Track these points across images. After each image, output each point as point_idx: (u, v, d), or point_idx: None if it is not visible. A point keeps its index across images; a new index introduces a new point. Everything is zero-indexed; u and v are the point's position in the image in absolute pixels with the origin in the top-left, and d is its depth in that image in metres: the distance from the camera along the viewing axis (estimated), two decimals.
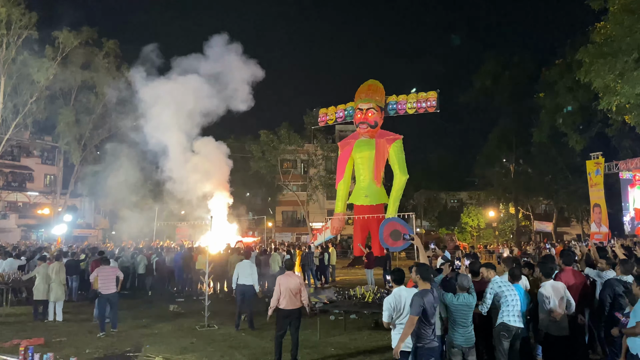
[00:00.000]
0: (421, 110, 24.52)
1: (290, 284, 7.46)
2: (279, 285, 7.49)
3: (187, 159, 21.46)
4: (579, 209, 37.41)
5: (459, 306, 5.74)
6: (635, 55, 16.51)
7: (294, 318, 7.58)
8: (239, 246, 16.92)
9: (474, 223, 43.73)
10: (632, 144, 28.52)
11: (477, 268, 7.03)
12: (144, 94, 18.38)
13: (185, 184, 22.22)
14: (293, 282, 7.50)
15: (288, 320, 7.54)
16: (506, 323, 6.07)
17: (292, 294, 7.44)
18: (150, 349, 8.92)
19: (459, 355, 5.76)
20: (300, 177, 49.34)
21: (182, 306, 13.64)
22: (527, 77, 35.81)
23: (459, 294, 5.79)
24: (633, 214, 25.94)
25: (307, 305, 7.78)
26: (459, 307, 5.74)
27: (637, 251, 10.73)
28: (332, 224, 25.37)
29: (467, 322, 5.78)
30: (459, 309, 5.74)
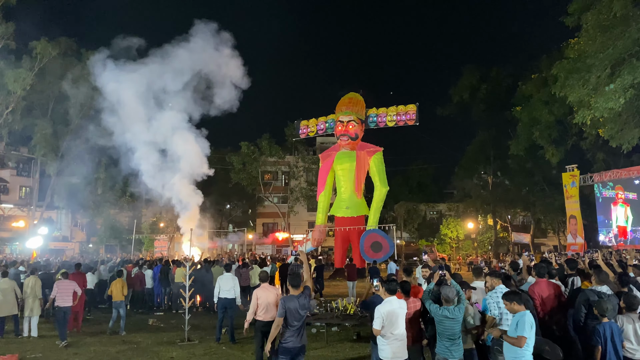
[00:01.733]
0: (401, 123, 24.78)
1: (269, 297, 7.47)
2: (256, 298, 7.49)
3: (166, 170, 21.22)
4: (555, 220, 38.03)
5: (443, 318, 5.68)
6: (608, 70, 16.96)
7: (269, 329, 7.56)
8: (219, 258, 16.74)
9: (453, 234, 44.11)
10: (606, 156, 29.19)
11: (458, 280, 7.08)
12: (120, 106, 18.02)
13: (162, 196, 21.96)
14: (271, 295, 7.53)
15: (265, 330, 7.44)
16: None
17: (271, 306, 7.45)
18: None
19: None
20: (281, 188, 49.26)
21: (162, 320, 13.44)
22: (504, 91, 36.54)
23: (444, 306, 5.74)
24: (616, 231, 26.40)
25: None
26: (442, 319, 5.68)
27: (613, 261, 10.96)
28: (313, 236, 25.35)
29: (455, 335, 5.68)
30: (444, 321, 5.68)
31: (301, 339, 5.99)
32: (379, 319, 5.62)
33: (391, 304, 5.71)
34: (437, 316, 5.72)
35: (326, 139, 44.63)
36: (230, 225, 45.32)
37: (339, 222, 24.49)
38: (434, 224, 48.22)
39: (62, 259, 23.73)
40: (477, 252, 42.09)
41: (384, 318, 5.62)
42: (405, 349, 5.81)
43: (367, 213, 24.34)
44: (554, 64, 21.83)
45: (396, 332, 5.66)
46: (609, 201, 27.10)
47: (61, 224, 42.77)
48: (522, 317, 5.16)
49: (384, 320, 5.62)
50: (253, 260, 20.83)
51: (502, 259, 30.40)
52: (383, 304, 5.74)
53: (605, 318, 5.35)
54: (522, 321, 5.11)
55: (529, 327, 5.06)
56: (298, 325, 5.94)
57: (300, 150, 43.61)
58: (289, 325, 5.90)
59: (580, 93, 18.04)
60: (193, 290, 11.29)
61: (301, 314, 5.96)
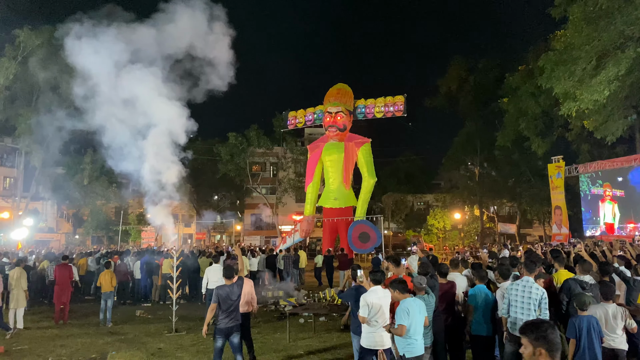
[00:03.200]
0: (389, 114, 24.80)
1: (245, 288, 7.61)
2: None
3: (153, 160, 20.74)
4: (541, 211, 38.44)
5: None
6: (594, 62, 17.13)
7: (245, 322, 7.78)
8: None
9: (440, 225, 44.44)
10: (591, 147, 29.52)
11: (445, 270, 7.19)
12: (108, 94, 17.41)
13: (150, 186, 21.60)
14: (247, 287, 7.73)
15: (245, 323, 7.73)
16: None
17: (245, 299, 7.66)
18: (116, 355, 8.77)
19: None
20: (269, 179, 49.21)
21: (149, 311, 13.43)
22: (491, 82, 36.65)
23: (417, 295, 5.91)
24: (604, 228, 26.76)
25: (255, 309, 8.11)
26: None
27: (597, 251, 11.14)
28: (301, 227, 25.38)
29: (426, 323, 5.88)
30: None
31: (233, 321, 6.85)
32: (365, 307, 5.75)
33: (376, 293, 5.85)
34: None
35: (314, 130, 44.57)
36: (218, 216, 45.19)
37: (327, 213, 24.53)
38: (421, 214, 48.52)
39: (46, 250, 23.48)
40: (464, 242, 42.46)
41: (370, 307, 5.75)
42: (389, 337, 5.91)
43: (355, 204, 24.42)
44: (541, 55, 21.98)
45: (380, 320, 5.80)
46: (597, 198, 27.43)
47: (47, 215, 42.35)
48: (400, 305, 5.26)
49: (370, 308, 5.75)
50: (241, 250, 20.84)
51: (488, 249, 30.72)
52: (369, 293, 5.88)
53: (585, 312, 5.42)
54: (399, 309, 5.22)
55: (406, 313, 5.13)
56: (230, 309, 6.82)
57: (288, 141, 43.54)
58: (222, 309, 6.78)
59: (566, 85, 18.21)
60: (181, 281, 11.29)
61: (232, 299, 6.84)
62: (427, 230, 44.54)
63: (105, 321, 11.52)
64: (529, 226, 45.78)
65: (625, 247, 11.02)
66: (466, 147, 40.58)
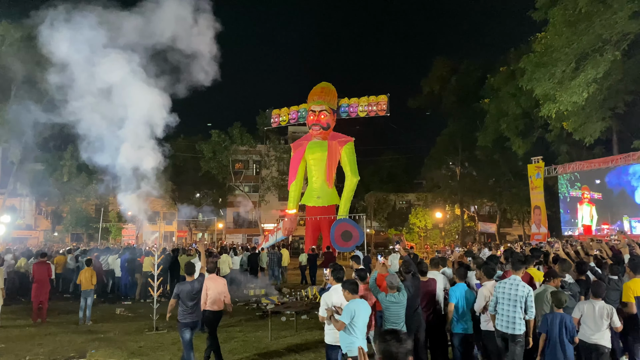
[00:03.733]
0: (372, 114, 24.95)
1: (218, 287, 7.77)
2: (206, 288, 7.69)
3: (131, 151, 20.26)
4: (520, 210, 38.95)
5: (389, 304, 6.04)
6: (573, 65, 17.43)
7: (217, 320, 7.84)
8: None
9: (422, 224, 44.79)
10: (570, 149, 30.00)
11: (424, 268, 7.30)
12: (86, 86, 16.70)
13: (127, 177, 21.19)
14: (220, 285, 7.83)
15: (212, 322, 7.78)
16: None
17: (219, 296, 7.74)
18: (95, 354, 8.67)
19: None
20: (252, 177, 49.04)
21: (130, 309, 13.30)
22: (473, 83, 37.04)
23: (389, 293, 6.06)
24: (582, 230, 27.24)
25: (229, 306, 8.06)
26: (389, 305, 6.04)
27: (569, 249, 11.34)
28: (284, 225, 25.38)
29: (398, 319, 6.06)
30: (389, 306, 6.04)
31: (195, 315, 7.23)
32: (324, 306, 5.84)
33: (338, 292, 5.88)
34: (385, 302, 6.04)
35: (298, 128, 44.56)
36: (200, 214, 44.88)
37: (310, 212, 24.57)
38: (403, 213, 48.83)
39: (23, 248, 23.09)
40: (445, 241, 42.86)
41: (331, 305, 5.81)
42: None
43: (338, 202, 24.50)
44: (522, 57, 22.28)
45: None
46: (575, 200, 27.90)
47: (24, 212, 41.62)
48: (347, 305, 5.40)
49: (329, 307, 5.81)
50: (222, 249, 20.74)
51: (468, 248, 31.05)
52: (330, 292, 5.98)
53: (561, 310, 5.54)
54: (345, 308, 5.36)
55: (349, 314, 5.25)
56: (191, 305, 7.18)
57: (271, 139, 43.41)
58: (183, 304, 7.14)
59: (546, 86, 18.49)
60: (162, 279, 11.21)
61: (193, 295, 7.20)
62: (409, 229, 44.85)
63: (85, 319, 11.39)
64: (509, 225, 46.39)
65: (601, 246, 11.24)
66: (448, 147, 40.99)
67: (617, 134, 27.03)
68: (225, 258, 16.40)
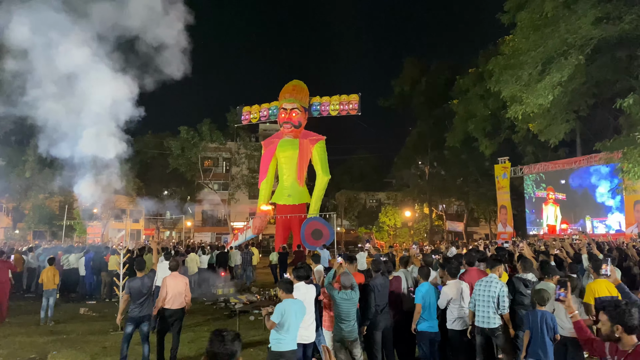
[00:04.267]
0: (343, 113, 25.02)
1: (178, 285, 7.73)
2: (165, 285, 7.66)
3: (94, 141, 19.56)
4: (487, 210, 39.74)
5: (341, 301, 6.09)
6: (539, 68, 17.80)
7: (177, 318, 7.78)
8: None
9: (391, 222, 45.23)
10: (535, 150, 30.74)
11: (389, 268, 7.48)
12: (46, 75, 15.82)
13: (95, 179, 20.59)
14: (180, 284, 7.78)
15: (172, 320, 7.73)
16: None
17: (179, 295, 7.70)
18: (57, 355, 8.41)
19: (343, 349, 6.09)
20: (222, 175, 48.56)
21: (94, 309, 12.96)
22: (443, 84, 37.54)
23: (342, 291, 6.12)
24: (547, 229, 27.97)
25: (188, 306, 7.98)
26: (341, 302, 6.09)
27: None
28: (254, 224, 25.20)
29: (350, 316, 6.11)
30: (341, 303, 6.09)
31: (142, 311, 7.40)
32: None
33: (299, 289, 5.95)
34: (337, 299, 6.10)
35: (269, 126, 44.30)
36: (168, 212, 44.17)
37: (281, 210, 24.47)
38: (373, 212, 49.22)
39: None
40: (413, 239, 43.39)
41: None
42: (312, 331, 6.14)
43: (309, 201, 24.48)
44: (490, 59, 22.67)
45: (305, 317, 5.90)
46: (540, 201, 28.65)
47: None
48: (279, 304, 5.48)
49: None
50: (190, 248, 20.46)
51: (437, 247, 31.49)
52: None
53: (543, 307, 5.64)
54: (277, 307, 5.45)
55: (280, 313, 5.34)
56: (141, 300, 7.37)
57: (242, 136, 43.04)
58: (133, 300, 7.36)
59: (513, 89, 18.81)
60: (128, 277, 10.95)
61: (143, 292, 7.40)
62: (379, 227, 45.22)
63: (47, 320, 11.04)
64: (476, 224, 47.31)
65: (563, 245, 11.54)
66: (417, 147, 41.47)
67: (580, 136, 27.86)
68: (193, 257, 16.19)
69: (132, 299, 7.40)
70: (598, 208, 25.25)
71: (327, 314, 6.68)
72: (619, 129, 20.21)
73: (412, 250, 9.52)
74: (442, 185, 41.18)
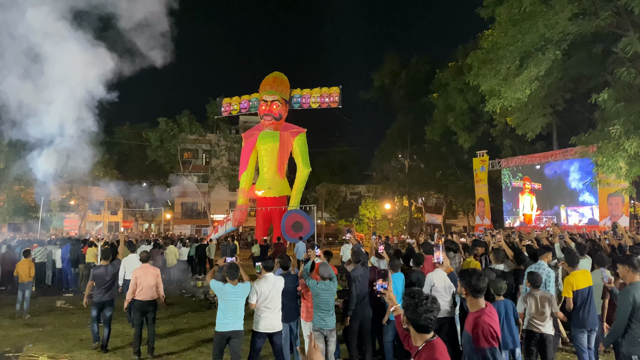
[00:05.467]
0: (324, 105, 25.02)
1: (147, 277, 7.75)
2: (135, 278, 7.72)
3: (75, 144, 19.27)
4: (465, 202, 40.22)
5: (320, 291, 6.21)
6: (517, 62, 18.03)
7: (149, 309, 7.83)
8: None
9: (371, 215, 45.48)
10: (513, 143, 31.19)
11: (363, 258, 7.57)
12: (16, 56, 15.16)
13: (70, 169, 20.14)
14: (150, 276, 7.80)
15: (145, 311, 7.79)
16: None
17: (149, 286, 7.73)
18: (33, 348, 8.30)
19: (321, 338, 6.20)
20: (201, 167, 48.19)
21: (71, 301, 12.80)
22: (423, 78, 37.72)
23: (321, 281, 6.23)
24: (522, 219, 28.47)
25: (162, 297, 8.04)
26: (319, 292, 6.21)
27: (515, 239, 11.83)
28: (234, 216, 25.11)
29: (328, 306, 6.25)
30: (320, 293, 6.21)
31: (106, 296, 8.04)
32: (254, 294, 6.18)
33: (267, 280, 6.28)
34: (315, 289, 6.23)
35: (249, 118, 44.11)
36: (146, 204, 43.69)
37: (261, 202, 24.42)
38: (353, 204, 49.40)
39: None
40: (393, 231, 43.73)
41: (259, 294, 6.18)
42: (279, 321, 6.34)
43: (289, 193, 24.47)
44: (469, 53, 22.87)
45: (271, 305, 6.22)
46: (517, 190, 29.14)
47: None
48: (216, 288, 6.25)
49: (259, 295, 6.17)
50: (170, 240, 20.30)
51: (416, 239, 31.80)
52: (260, 280, 6.31)
53: (500, 297, 5.74)
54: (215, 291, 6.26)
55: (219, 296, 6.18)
56: (105, 286, 8.01)
57: (222, 128, 42.72)
58: (97, 286, 8.01)
59: (491, 83, 19.03)
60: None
61: (106, 279, 8.02)
62: (359, 220, 45.44)
63: (22, 312, 10.88)
64: (454, 217, 47.87)
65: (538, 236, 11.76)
66: (397, 140, 41.70)
67: (557, 129, 28.34)
68: (172, 249, 16.09)
69: (96, 285, 8.03)
70: (571, 195, 25.75)
71: (304, 305, 6.75)
72: (594, 123, 20.60)
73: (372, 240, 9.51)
74: (422, 178, 41.49)
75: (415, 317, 2.98)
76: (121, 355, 7.91)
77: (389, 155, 44.05)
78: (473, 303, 3.72)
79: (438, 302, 3.07)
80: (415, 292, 3.09)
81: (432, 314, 2.97)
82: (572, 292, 6.11)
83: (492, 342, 3.48)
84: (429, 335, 3.00)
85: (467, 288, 3.72)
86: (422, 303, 2.97)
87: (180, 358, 7.81)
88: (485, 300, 3.75)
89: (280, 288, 6.38)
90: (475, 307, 3.69)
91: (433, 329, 3.00)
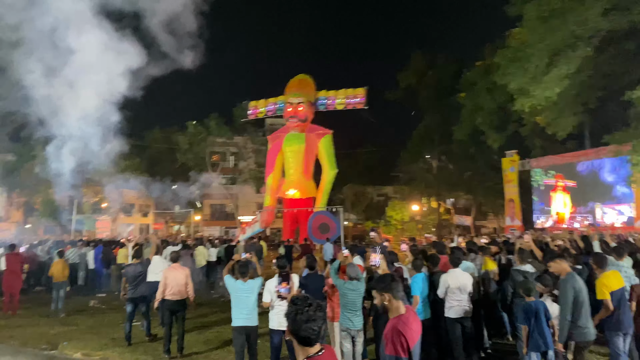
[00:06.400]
0: (350, 106, 25.04)
1: (177, 277, 7.87)
2: (165, 278, 7.83)
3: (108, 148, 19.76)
4: (495, 203, 39.52)
5: (347, 291, 6.24)
6: (546, 60, 17.69)
7: (179, 309, 7.96)
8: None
9: (399, 216, 45.11)
10: (543, 143, 30.55)
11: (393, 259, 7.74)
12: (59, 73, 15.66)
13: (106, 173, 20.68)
14: (180, 275, 7.92)
15: (175, 310, 7.92)
16: None
17: (179, 286, 7.85)
18: (67, 345, 8.57)
19: (348, 338, 6.21)
20: (229, 170, 48.72)
21: (103, 302, 13.14)
22: (449, 77, 37.27)
23: (349, 281, 6.27)
24: (555, 217, 27.79)
25: (191, 297, 8.11)
26: (346, 292, 6.24)
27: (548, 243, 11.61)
28: (262, 217, 25.33)
29: (356, 307, 6.25)
30: (347, 293, 6.23)
31: (137, 292, 8.69)
32: (267, 293, 6.47)
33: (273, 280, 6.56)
34: (342, 289, 6.27)
35: (276, 120, 44.31)
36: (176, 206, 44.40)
37: (288, 204, 24.57)
38: (380, 206, 49.09)
39: None
40: (421, 233, 43.32)
41: (272, 292, 6.47)
42: None
43: (316, 195, 24.55)
44: (497, 52, 22.54)
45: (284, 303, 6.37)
46: (549, 188, 28.49)
47: None
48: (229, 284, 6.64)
49: (272, 294, 6.47)
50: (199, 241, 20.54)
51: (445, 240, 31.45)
52: (271, 280, 6.57)
53: (531, 297, 5.65)
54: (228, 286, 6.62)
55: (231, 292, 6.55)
56: (135, 283, 8.65)
57: (249, 131, 43.10)
58: (129, 283, 8.68)
59: (520, 81, 18.72)
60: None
61: (136, 276, 8.66)
62: (386, 221, 45.14)
63: (57, 312, 11.23)
64: (484, 218, 47.06)
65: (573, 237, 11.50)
66: (424, 140, 41.26)
67: (589, 128, 27.62)
68: (202, 250, 16.30)
69: (127, 281, 8.74)
70: (606, 190, 24.88)
71: (329, 306, 6.79)
72: (628, 121, 20.04)
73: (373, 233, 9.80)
74: (450, 179, 40.94)
75: (294, 327, 2.60)
76: (151, 354, 8.09)
77: (416, 156, 43.62)
78: (393, 308, 3.59)
79: (325, 310, 2.87)
80: (299, 299, 2.70)
81: (315, 323, 2.56)
82: (608, 293, 5.79)
83: (400, 351, 3.31)
84: (314, 349, 2.59)
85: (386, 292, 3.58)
86: (303, 311, 2.58)
87: (208, 357, 7.95)
88: (407, 306, 3.64)
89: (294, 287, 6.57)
90: (395, 313, 3.57)
91: (317, 341, 2.59)
